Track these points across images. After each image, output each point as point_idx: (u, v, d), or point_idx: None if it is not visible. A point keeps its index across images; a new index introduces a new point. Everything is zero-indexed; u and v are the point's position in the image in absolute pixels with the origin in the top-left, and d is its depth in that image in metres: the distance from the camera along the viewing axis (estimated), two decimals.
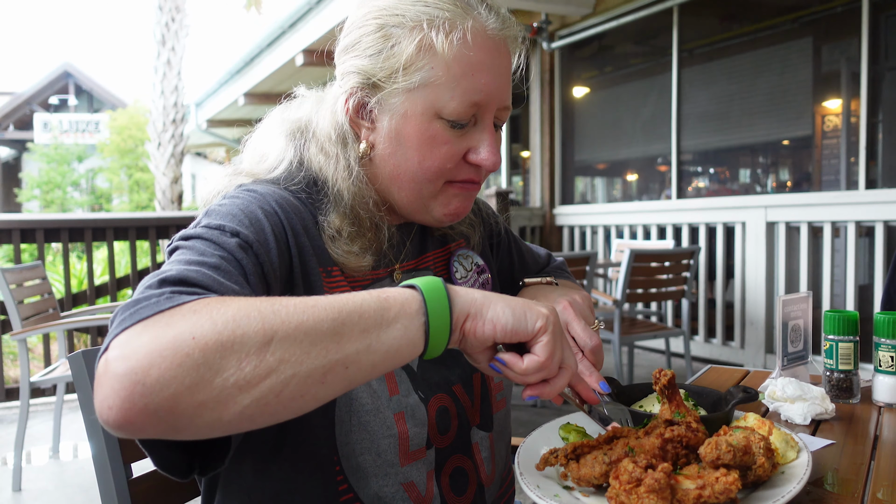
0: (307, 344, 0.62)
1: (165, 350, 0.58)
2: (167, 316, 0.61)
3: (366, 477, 0.90)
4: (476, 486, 1.02)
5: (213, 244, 0.77)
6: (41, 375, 3.31)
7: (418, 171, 0.92)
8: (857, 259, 4.54)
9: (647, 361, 5.67)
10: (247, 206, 0.84)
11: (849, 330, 1.28)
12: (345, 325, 0.64)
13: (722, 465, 0.77)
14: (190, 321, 0.60)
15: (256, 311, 0.62)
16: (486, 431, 1.05)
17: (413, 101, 0.89)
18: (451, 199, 0.96)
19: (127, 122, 20.11)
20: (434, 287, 0.71)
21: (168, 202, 11.19)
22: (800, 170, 5.86)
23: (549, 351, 0.73)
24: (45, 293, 3.71)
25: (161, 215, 5.72)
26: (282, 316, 0.62)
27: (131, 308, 0.63)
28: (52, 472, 3.45)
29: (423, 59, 0.88)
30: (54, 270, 7.64)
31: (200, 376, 0.58)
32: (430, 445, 0.96)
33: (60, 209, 19.57)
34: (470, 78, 0.88)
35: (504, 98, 0.93)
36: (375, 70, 0.90)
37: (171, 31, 11.15)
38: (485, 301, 0.73)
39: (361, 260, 0.93)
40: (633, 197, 7.29)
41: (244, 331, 0.60)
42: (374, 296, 0.68)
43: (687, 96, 6.00)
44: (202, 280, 0.69)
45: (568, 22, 6.87)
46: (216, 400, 0.58)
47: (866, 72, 4.55)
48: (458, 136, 0.92)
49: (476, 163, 0.93)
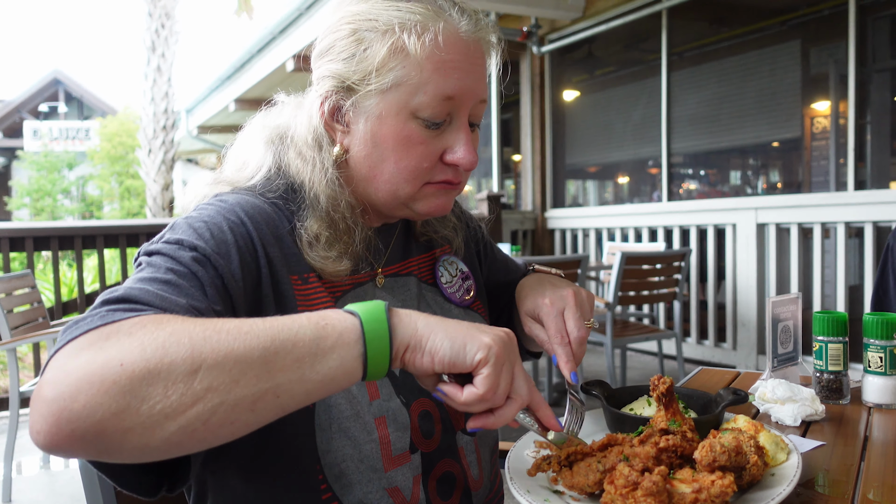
0: (236, 372, 0.62)
1: (94, 376, 0.58)
2: (101, 337, 0.62)
3: (350, 484, 0.89)
4: (463, 491, 1.01)
5: (169, 258, 0.78)
6: (31, 385, 3.28)
7: (395, 171, 0.93)
8: (847, 260, 4.57)
9: (639, 364, 5.67)
10: (212, 217, 0.85)
11: (838, 331, 1.28)
12: (277, 353, 0.64)
13: (718, 467, 0.77)
14: (120, 346, 0.60)
15: (187, 338, 0.62)
16: (471, 436, 1.05)
17: (387, 102, 0.90)
18: (430, 198, 0.97)
19: (117, 129, 20.03)
20: (375, 317, 0.70)
21: (159, 209, 11.14)
22: (789, 171, 5.90)
23: (490, 384, 0.71)
24: (34, 302, 3.69)
25: (151, 222, 5.68)
26: (212, 343, 0.62)
27: (72, 327, 0.64)
28: (43, 483, 3.42)
29: (396, 61, 0.89)
30: (44, 279, 7.59)
31: (127, 403, 0.58)
32: (414, 450, 0.95)
33: (51, 217, 19.45)
34: (442, 76, 0.89)
35: (478, 93, 0.93)
36: (349, 73, 0.91)
37: (161, 37, 11.12)
38: (426, 331, 0.72)
39: (339, 265, 0.93)
40: (624, 200, 7.32)
41: (172, 358, 0.60)
42: (313, 322, 0.68)
43: (676, 99, 6.03)
44: (144, 297, 0.69)
45: (558, 26, 6.90)
46: (143, 426, 0.59)
47: (854, 74, 4.58)
48: (434, 137, 0.93)
49: (453, 162, 0.94)
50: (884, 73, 4.92)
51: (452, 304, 1.12)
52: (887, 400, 1.23)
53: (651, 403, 1.06)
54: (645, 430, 0.88)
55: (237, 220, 0.86)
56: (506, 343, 0.74)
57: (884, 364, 1.23)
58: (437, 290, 1.11)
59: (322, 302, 0.93)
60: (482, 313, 1.16)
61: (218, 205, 0.88)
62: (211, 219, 0.85)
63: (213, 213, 0.86)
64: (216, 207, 0.88)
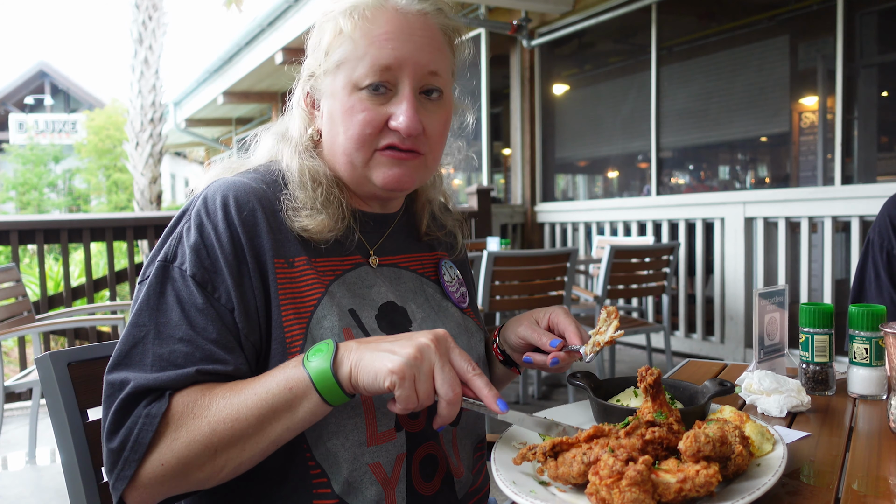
0: (242, 442, 0.85)
1: (150, 479, 0.86)
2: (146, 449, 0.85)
3: (337, 462, 0.93)
4: (445, 474, 1.03)
5: (179, 307, 0.90)
6: (16, 379, 3.25)
7: (345, 141, 1.01)
8: (834, 253, 4.60)
9: (628, 357, 5.70)
10: (196, 242, 0.93)
11: (824, 322, 1.29)
12: (267, 418, 0.85)
13: (703, 457, 0.76)
14: (158, 452, 0.85)
15: (201, 435, 0.84)
16: (452, 425, 1.06)
17: (335, 80, 1.01)
18: (383, 168, 1.02)
19: (104, 122, 19.86)
20: (323, 374, 0.84)
21: (147, 202, 11.06)
22: (777, 166, 5.93)
23: (405, 400, 0.83)
24: (19, 296, 3.65)
25: (138, 215, 5.63)
26: (219, 433, 0.84)
27: (120, 453, 0.85)
28: (29, 478, 3.39)
29: (337, 42, 1.00)
30: (30, 273, 7.52)
31: (176, 484, 0.87)
32: (399, 428, 0.98)
33: (37, 211, 19.28)
34: (377, 48, 0.98)
35: (421, 62, 1.00)
36: (314, 64, 1.05)
37: (149, 29, 11.02)
38: (356, 368, 0.84)
39: (317, 218, 0.99)
40: (613, 194, 7.33)
41: (196, 452, 0.84)
42: (282, 388, 0.84)
43: (666, 94, 6.04)
44: (161, 383, 0.86)
45: (548, 20, 6.89)
46: (189, 487, 0.88)
47: (841, 69, 4.61)
48: (379, 105, 1.00)
49: (395, 128, 1.00)
50: (871, 68, 4.95)
51: (451, 303, 1.15)
52: (872, 391, 1.24)
53: (638, 395, 1.06)
54: (631, 422, 0.88)
55: (223, 226, 0.94)
56: (424, 351, 0.83)
57: (869, 355, 1.23)
58: (437, 287, 1.15)
59: (309, 286, 0.97)
60: (474, 319, 1.20)
61: (204, 215, 0.95)
62: (195, 242, 0.93)
63: (198, 225, 0.94)
64: (204, 215, 0.94)
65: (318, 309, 0.96)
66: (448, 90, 1.07)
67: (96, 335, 5.06)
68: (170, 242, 0.95)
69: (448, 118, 1.07)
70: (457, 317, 1.14)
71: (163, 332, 0.89)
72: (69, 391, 1.01)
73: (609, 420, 0.96)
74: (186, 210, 0.97)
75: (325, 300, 0.97)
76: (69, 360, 1.02)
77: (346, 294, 1.00)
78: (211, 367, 0.88)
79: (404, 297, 1.08)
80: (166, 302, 0.90)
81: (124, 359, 0.88)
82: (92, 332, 5.03)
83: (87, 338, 5.03)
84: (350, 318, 0.99)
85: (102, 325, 4.90)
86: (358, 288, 1.03)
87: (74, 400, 1.01)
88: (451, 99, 1.10)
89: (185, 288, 0.91)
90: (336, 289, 1.00)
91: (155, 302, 0.90)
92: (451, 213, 1.27)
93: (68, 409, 1.00)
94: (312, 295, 0.96)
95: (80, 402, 1.02)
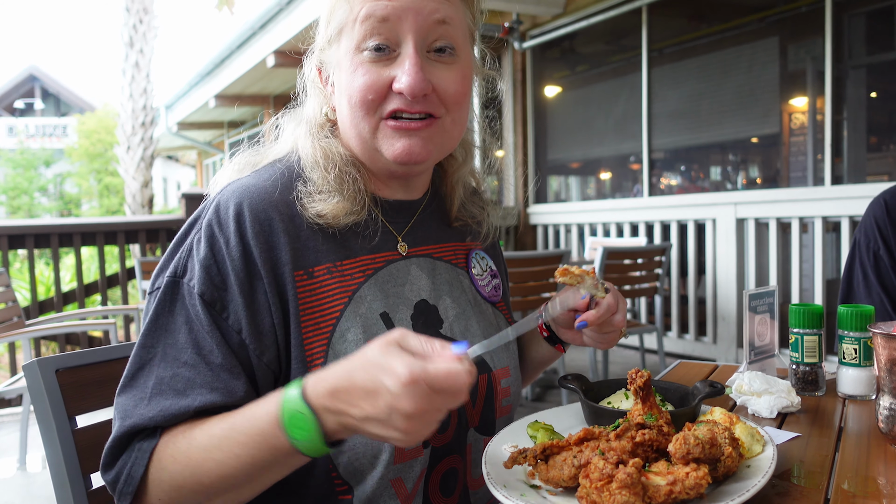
0: (237, 488, 0.81)
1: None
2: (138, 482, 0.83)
3: (363, 479, 0.91)
4: (462, 488, 1.02)
5: (187, 328, 0.87)
6: (6, 385, 3.22)
7: (350, 110, 0.95)
8: (825, 254, 4.63)
9: (621, 358, 5.71)
10: (206, 256, 0.89)
11: (813, 323, 1.29)
12: (258, 469, 0.79)
13: (692, 459, 0.77)
14: (152, 486, 0.83)
15: (194, 480, 0.81)
16: (484, 435, 1.04)
17: (339, 48, 0.96)
18: (391, 140, 0.95)
19: (96, 126, 19.77)
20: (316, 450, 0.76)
21: (138, 206, 11.01)
22: (768, 167, 5.96)
23: (416, 439, 0.71)
24: (9, 301, 3.63)
25: (129, 219, 5.61)
26: (212, 477, 0.80)
27: (114, 486, 0.84)
28: (19, 485, 3.36)
29: (335, 9, 0.95)
30: (20, 278, 7.47)
31: None
32: (426, 445, 0.96)
33: (27, 215, 19.17)
34: (371, 3, 0.91)
35: (424, 9, 0.90)
36: (322, 41, 1.01)
37: (139, 32, 10.97)
38: (351, 442, 0.86)
39: (340, 210, 0.94)
40: (606, 195, 7.35)
41: (186, 496, 0.82)
42: (266, 446, 0.77)
43: (657, 95, 6.06)
44: (155, 420, 0.83)
45: (539, 22, 6.90)
46: None
47: (830, 70, 4.64)
48: (382, 66, 0.92)
49: (398, 90, 0.91)
50: (860, 69, 4.98)
51: (482, 297, 1.11)
52: (861, 391, 1.25)
53: (629, 397, 1.06)
54: (622, 424, 0.88)
55: (235, 239, 0.89)
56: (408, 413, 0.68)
57: (858, 356, 1.24)
58: (470, 280, 1.12)
59: (331, 297, 0.93)
60: (505, 315, 1.16)
61: (213, 234, 0.90)
62: (205, 259, 0.89)
63: (208, 246, 0.89)
64: (213, 235, 0.90)
65: (341, 321, 0.92)
66: (465, 47, 0.96)
67: (87, 340, 5.03)
68: (180, 254, 0.91)
69: (467, 76, 0.96)
70: (489, 314, 1.10)
71: (168, 355, 0.87)
72: (57, 398, 1.00)
73: (600, 422, 0.96)
74: (198, 218, 0.93)
75: (349, 311, 0.93)
76: (57, 367, 1.01)
77: (378, 296, 0.96)
78: (209, 401, 0.84)
79: (439, 292, 1.04)
80: (175, 322, 0.88)
81: (131, 381, 0.87)
82: (83, 337, 5.00)
83: (79, 343, 5.00)
84: (380, 323, 0.94)
85: (93, 329, 4.87)
86: (391, 287, 0.98)
87: (63, 407, 1.00)
88: (471, 58, 0.99)
89: (192, 308, 0.88)
90: (367, 292, 0.95)
91: (164, 321, 0.88)
92: (479, 197, 1.19)
93: (56, 417, 0.99)
94: (336, 306, 0.92)
95: (69, 409, 1.01)
